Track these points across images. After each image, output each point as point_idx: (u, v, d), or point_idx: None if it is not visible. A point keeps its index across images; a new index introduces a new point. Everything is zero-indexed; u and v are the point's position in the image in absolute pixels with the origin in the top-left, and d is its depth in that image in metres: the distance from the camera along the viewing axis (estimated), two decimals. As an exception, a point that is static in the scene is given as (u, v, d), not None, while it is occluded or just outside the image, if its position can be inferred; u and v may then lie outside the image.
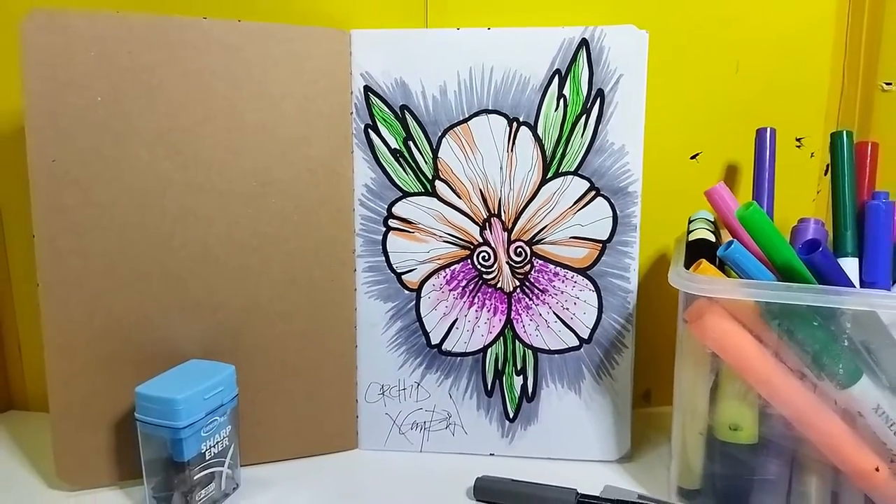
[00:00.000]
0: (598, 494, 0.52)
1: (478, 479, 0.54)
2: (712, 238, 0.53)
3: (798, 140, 0.66)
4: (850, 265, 0.52)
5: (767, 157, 0.58)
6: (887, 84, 0.66)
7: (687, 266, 0.50)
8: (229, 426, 0.53)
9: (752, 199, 0.58)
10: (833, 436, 0.47)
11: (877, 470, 0.46)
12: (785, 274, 0.47)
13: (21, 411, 0.70)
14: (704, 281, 0.47)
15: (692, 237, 0.53)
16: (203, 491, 0.51)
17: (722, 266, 0.50)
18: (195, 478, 0.50)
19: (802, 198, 0.67)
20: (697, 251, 0.52)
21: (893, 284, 0.52)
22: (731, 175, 0.65)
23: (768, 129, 0.58)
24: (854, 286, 0.48)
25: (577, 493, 0.51)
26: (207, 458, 0.51)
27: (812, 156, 0.66)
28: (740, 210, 0.48)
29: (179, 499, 0.50)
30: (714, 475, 0.51)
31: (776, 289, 0.45)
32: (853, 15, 0.66)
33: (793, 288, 0.45)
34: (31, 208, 0.52)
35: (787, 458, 0.49)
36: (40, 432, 0.63)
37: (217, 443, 0.51)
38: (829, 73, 0.66)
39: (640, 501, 0.51)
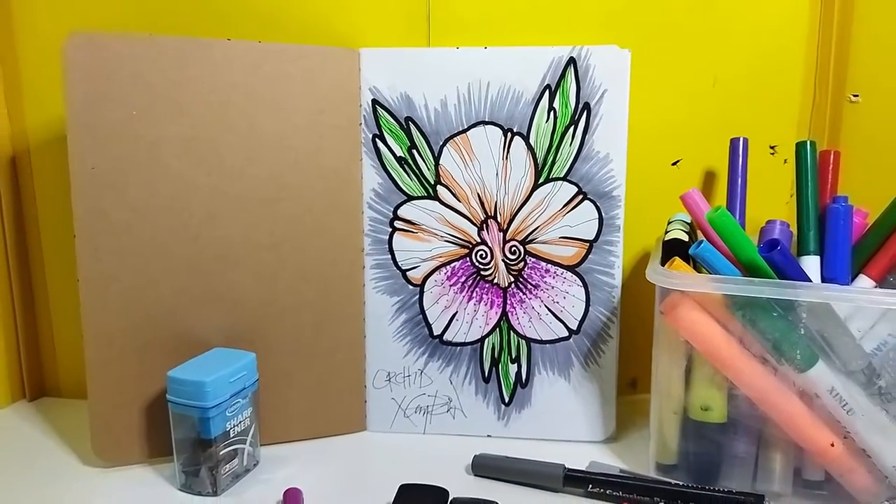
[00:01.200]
0: (583, 469, 0.57)
1: (476, 456, 0.59)
2: (685, 238, 0.58)
3: (772, 148, 0.71)
4: (812, 263, 0.57)
5: (740, 163, 0.63)
6: (854, 96, 0.71)
7: (662, 263, 0.55)
8: (250, 408, 0.58)
9: (726, 202, 0.63)
10: (793, 415, 0.52)
11: (832, 446, 0.52)
12: (749, 270, 0.52)
13: (54, 398, 0.75)
14: (677, 276, 0.53)
15: (667, 237, 0.59)
16: (227, 466, 0.56)
17: (694, 263, 0.56)
18: (220, 454, 0.55)
19: (776, 201, 0.72)
20: (672, 250, 0.57)
21: (853, 280, 0.57)
22: (709, 180, 0.71)
23: (741, 139, 0.64)
24: (810, 281, 0.53)
25: (565, 468, 0.56)
26: (231, 436, 0.56)
27: (785, 162, 0.71)
28: (710, 213, 0.53)
29: (206, 473, 0.55)
30: (688, 451, 0.57)
31: (740, 283, 0.51)
32: (823, 31, 0.71)
33: (755, 282, 0.50)
34: (70, 211, 0.57)
35: (753, 436, 0.54)
36: (72, 417, 0.69)
37: (240, 422, 0.57)
38: (801, 85, 0.71)
39: (622, 475, 0.56)
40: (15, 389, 0.73)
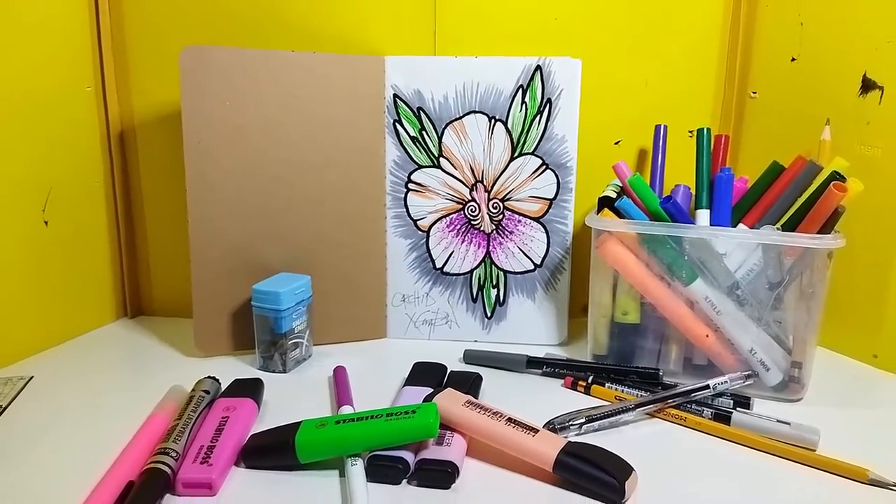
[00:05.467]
0: (540, 357, 0.80)
1: (466, 350, 0.82)
2: (614, 195, 0.81)
3: (690, 132, 0.93)
4: (704, 214, 0.78)
5: (661, 144, 0.86)
6: (753, 93, 0.93)
7: (598, 213, 0.79)
8: (307, 315, 0.80)
9: (650, 172, 0.86)
10: (680, 315, 0.74)
11: (707, 336, 0.74)
12: (653, 216, 0.75)
13: (149, 316, 0.97)
14: (606, 221, 0.76)
15: (601, 195, 0.82)
16: (292, 353, 0.79)
17: (619, 212, 0.79)
18: (288, 344, 0.78)
19: (693, 171, 0.94)
20: (604, 204, 0.79)
21: (735, 226, 0.80)
22: (642, 156, 0.93)
23: (662, 126, 0.85)
24: (693, 223, 0.75)
25: (528, 356, 0.79)
26: (295, 332, 0.79)
27: (701, 143, 0.94)
28: (629, 178, 0.76)
29: (278, 357, 0.78)
30: (613, 345, 0.79)
31: (646, 225, 0.74)
32: (730, 44, 0.92)
33: (655, 224, 0.73)
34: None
35: (658, 333, 0.77)
36: (167, 328, 0.90)
37: (301, 324, 0.79)
38: (714, 84, 0.93)
39: (567, 360, 0.80)
40: (118, 308, 0.95)
